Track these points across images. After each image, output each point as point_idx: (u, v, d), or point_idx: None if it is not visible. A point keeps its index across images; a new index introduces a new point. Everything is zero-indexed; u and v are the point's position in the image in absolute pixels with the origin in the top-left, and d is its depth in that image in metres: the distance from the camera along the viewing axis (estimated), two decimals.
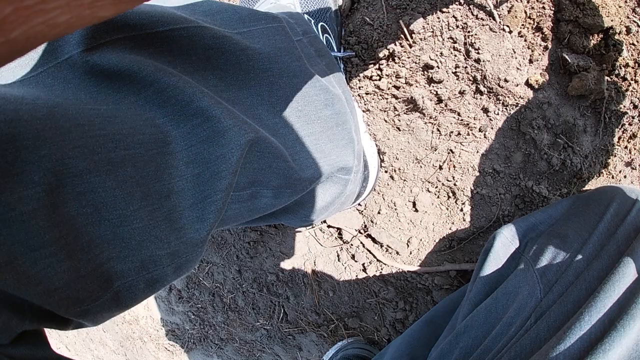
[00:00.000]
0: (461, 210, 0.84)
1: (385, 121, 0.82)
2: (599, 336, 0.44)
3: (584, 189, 0.78)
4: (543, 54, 0.72)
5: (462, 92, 0.76)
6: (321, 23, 0.72)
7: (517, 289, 0.57)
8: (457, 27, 0.73)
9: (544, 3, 0.70)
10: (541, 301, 0.54)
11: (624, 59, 0.70)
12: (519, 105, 0.74)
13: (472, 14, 0.72)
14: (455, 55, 0.74)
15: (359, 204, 0.90)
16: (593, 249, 0.55)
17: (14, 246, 0.31)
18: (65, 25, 0.15)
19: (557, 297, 0.53)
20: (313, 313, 1.05)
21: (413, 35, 0.75)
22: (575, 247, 0.56)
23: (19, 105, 0.31)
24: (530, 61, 0.72)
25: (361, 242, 0.92)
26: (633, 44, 0.70)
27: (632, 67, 0.71)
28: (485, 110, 0.76)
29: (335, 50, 0.75)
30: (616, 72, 0.71)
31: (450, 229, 0.86)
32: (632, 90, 0.72)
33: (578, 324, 0.45)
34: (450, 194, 0.84)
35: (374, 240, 0.91)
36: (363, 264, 0.94)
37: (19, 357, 0.36)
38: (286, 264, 1.03)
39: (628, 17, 0.70)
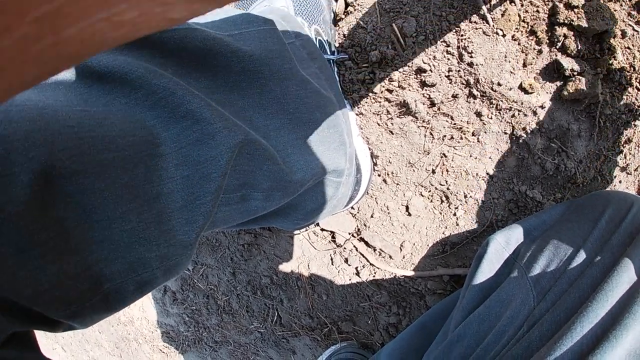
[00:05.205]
0: (454, 214, 0.84)
1: (379, 124, 0.82)
2: (591, 347, 0.43)
3: (578, 194, 0.78)
4: (537, 57, 0.72)
5: (455, 96, 0.76)
6: (314, 26, 0.72)
7: (510, 297, 0.56)
8: (450, 30, 0.73)
9: (538, 7, 0.70)
10: (534, 309, 0.53)
11: (619, 62, 0.70)
12: (513, 109, 0.74)
13: (466, 17, 0.72)
14: (448, 59, 0.74)
15: (352, 208, 0.90)
16: (587, 256, 0.54)
17: (3, 247, 0.31)
18: (131, 25, 0.12)
19: (551, 306, 0.52)
20: (307, 316, 1.05)
21: (406, 38, 0.75)
22: (570, 254, 0.55)
23: (8, 106, 0.31)
24: (524, 65, 0.72)
25: (354, 246, 0.92)
26: (628, 48, 0.70)
27: (628, 71, 0.70)
28: (479, 114, 0.76)
29: (329, 53, 0.76)
30: (611, 76, 0.71)
31: (443, 233, 0.86)
32: (627, 95, 0.72)
33: (569, 334, 0.45)
34: (444, 198, 0.84)
35: (367, 244, 0.91)
36: (356, 268, 0.94)
37: None
38: (280, 267, 1.03)
39: (624, 21, 0.70)
